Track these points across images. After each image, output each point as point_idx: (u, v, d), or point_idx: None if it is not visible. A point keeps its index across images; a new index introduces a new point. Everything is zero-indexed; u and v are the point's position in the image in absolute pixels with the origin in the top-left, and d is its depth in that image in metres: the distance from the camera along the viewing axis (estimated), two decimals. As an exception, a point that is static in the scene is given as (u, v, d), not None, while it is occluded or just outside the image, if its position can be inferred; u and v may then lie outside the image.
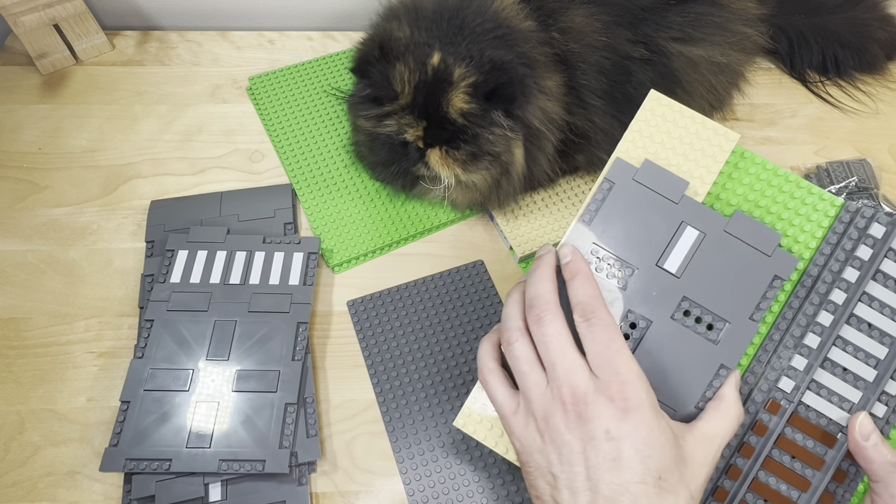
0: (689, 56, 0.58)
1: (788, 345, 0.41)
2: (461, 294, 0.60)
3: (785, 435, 0.41)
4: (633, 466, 0.36)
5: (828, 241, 0.43)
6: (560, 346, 0.39)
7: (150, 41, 0.78)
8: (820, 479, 0.40)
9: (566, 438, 0.37)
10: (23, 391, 0.53)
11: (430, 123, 0.54)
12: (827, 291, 0.42)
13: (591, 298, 0.40)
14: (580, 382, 0.38)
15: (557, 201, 0.66)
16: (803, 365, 0.41)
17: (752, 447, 0.41)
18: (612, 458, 0.36)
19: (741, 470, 0.40)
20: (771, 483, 0.40)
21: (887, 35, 0.77)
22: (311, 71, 0.75)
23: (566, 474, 0.37)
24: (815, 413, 0.41)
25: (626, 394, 0.37)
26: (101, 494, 0.49)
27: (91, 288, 0.59)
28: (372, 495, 0.50)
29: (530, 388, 0.39)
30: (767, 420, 0.41)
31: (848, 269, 0.42)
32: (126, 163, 0.67)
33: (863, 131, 0.74)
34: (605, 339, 0.39)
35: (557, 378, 0.38)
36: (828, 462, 0.40)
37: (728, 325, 0.41)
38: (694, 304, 0.42)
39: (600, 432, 0.36)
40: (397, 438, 0.53)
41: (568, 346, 0.39)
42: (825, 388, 0.41)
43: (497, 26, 0.54)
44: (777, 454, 0.40)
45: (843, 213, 0.43)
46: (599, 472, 0.36)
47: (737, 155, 0.45)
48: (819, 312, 0.41)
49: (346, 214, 0.64)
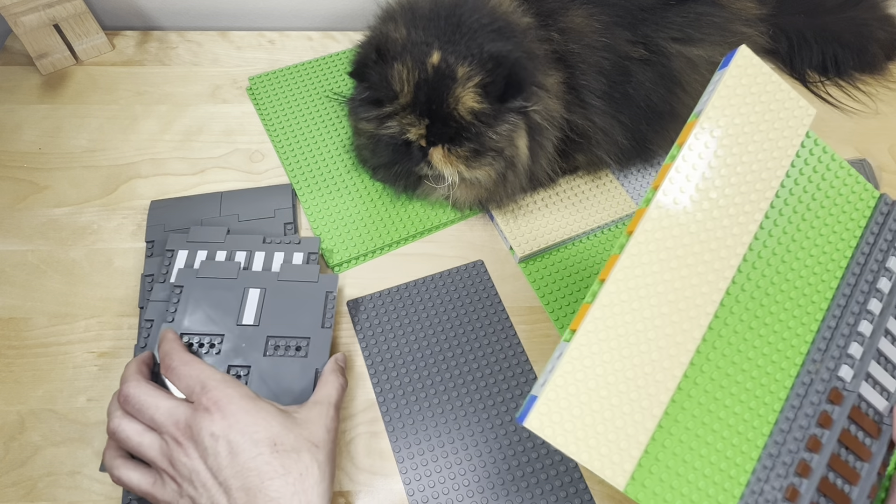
0: (688, 56, 0.58)
1: (844, 332, 0.42)
2: (461, 294, 0.60)
3: (844, 426, 0.40)
4: (245, 447, 0.40)
5: (871, 230, 0.44)
6: (151, 401, 0.43)
7: (150, 41, 0.78)
8: (868, 470, 0.39)
9: (191, 465, 0.41)
10: (23, 391, 0.53)
11: (433, 121, 0.54)
12: (875, 280, 0.43)
13: (166, 354, 0.47)
14: (180, 415, 0.42)
15: (557, 201, 0.66)
16: (860, 353, 0.41)
17: (819, 440, 0.39)
18: (227, 453, 0.40)
19: (811, 466, 0.38)
20: (830, 478, 0.38)
21: (887, 35, 0.77)
22: (311, 71, 0.75)
23: (206, 494, 0.40)
24: (865, 403, 0.41)
25: (214, 398, 0.42)
26: (101, 494, 0.49)
27: (91, 288, 0.59)
28: (372, 495, 0.50)
29: (149, 450, 0.42)
30: (831, 411, 0.40)
31: (892, 259, 0.43)
32: (126, 163, 0.68)
33: (863, 131, 0.74)
34: (184, 371, 0.44)
35: (163, 425, 0.42)
36: (874, 453, 0.40)
37: (309, 339, 0.53)
38: (279, 338, 0.53)
39: (208, 438, 0.40)
40: (397, 438, 0.53)
41: (158, 396, 0.43)
42: (872, 377, 0.41)
43: (494, 20, 0.54)
44: (836, 447, 0.40)
45: (882, 205, 0.44)
46: (224, 471, 0.40)
47: None
48: (869, 300, 0.42)
49: (346, 214, 0.64)
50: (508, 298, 0.60)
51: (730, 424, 0.39)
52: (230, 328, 0.53)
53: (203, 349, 0.52)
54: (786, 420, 0.40)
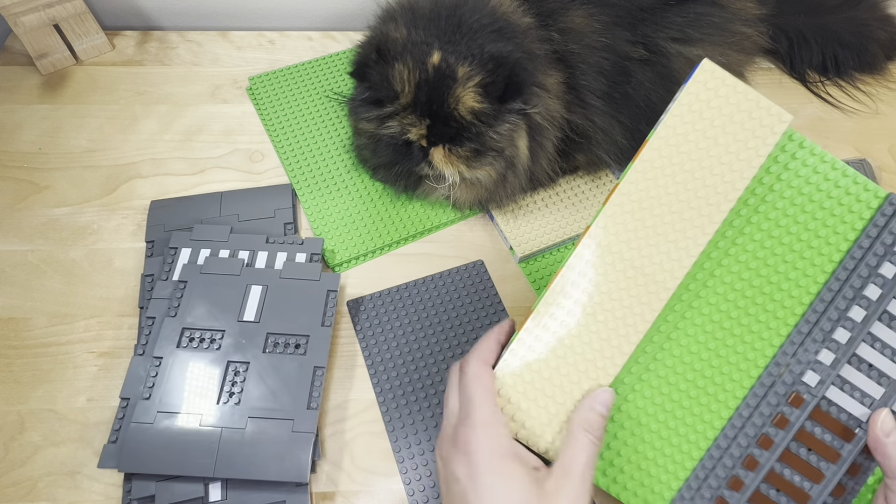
0: (688, 56, 0.58)
1: (817, 338, 0.42)
2: (461, 294, 0.60)
3: (804, 428, 0.41)
4: None
5: (867, 233, 0.42)
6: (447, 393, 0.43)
7: (150, 41, 0.78)
8: (834, 471, 0.40)
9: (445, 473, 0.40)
10: (23, 391, 0.53)
11: (434, 121, 0.54)
12: (862, 286, 0.42)
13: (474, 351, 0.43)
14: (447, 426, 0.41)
15: (557, 201, 0.66)
16: (830, 360, 0.41)
17: (771, 439, 0.41)
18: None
19: (758, 461, 0.41)
20: (786, 474, 0.41)
21: (887, 35, 0.77)
22: (311, 71, 0.75)
23: None
24: (836, 408, 0.41)
25: (466, 439, 0.39)
26: (101, 494, 0.49)
27: (91, 288, 0.59)
28: (372, 495, 0.50)
29: None
30: (789, 413, 0.41)
31: (886, 265, 0.42)
32: (126, 163, 0.68)
33: (863, 131, 0.74)
34: (466, 383, 0.41)
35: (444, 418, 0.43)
36: (844, 456, 0.40)
37: (308, 337, 0.53)
38: (278, 335, 0.53)
39: (451, 475, 0.39)
40: (397, 438, 0.53)
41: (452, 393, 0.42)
42: (849, 383, 0.41)
43: (495, 21, 0.54)
44: (794, 446, 0.41)
45: (886, 206, 0.42)
46: None
47: (785, 137, 0.43)
48: (852, 307, 0.42)
49: (346, 214, 0.64)
50: (508, 298, 0.60)
51: (677, 416, 0.42)
52: (231, 324, 0.53)
53: (203, 344, 0.52)
54: (739, 417, 0.42)
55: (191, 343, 0.52)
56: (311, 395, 0.51)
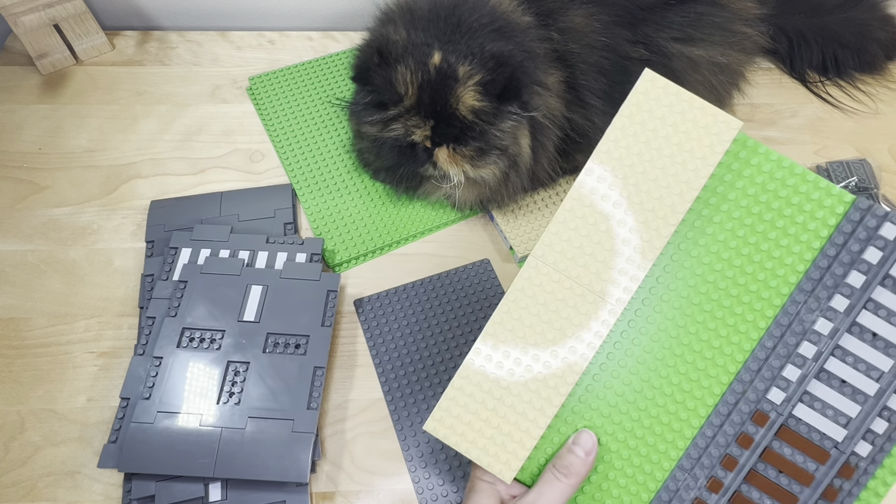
0: (689, 56, 0.58)
1: (781, 353, 0.40)
2: (468, 292, 0.60)
3: (772, 448, 0.39)
4: None
5: (833, 241, 0.40)
6: None
7: (150, 41, 0.78)
8: (808, 495, 0.38)
9: None
10: (23, 391, 0.53)
11: (438, 122, 0.54)
12: (829, 297, 0.39)
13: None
14: None
15: (557, 201, 0.66)
16: (796, 376, 0.39)
17: (735, 459, 0.39)
18: None
19: (722, 483, 0.39)
20: (754, 497, 0.39)
21: (887, 35, 0.77)
22: (311, 71, 0.75)
23: None
24: (806, 427, 0.39)
25: None
26: (101, 494, 0.49)
27: (91, 288, 0.59)
28: (372, 495, 0.50)
29: None
30: (753, 432, 0.39)
31: (853, 274, 0.39)
32: (126, 163, 0.67)
33: (863, 131, 0.74)
34: None
35: None
36: (818, 478, 0.38)
37: (308, 337, 0.53)
38: (278, 335, 0.53)
39: None
40: (406, 437, 0.53)
41: None
42: (819, 400, 0.39)
43: (494, 20, 0.54)
44: (762, 468, 0.39)
45: (853, 211, 0.40)
46: None
47: (739, 144, 0.41)
48: (817, 320, 0.39)
49: (346, 214, 0.64)
50: (509, 298, 0.60)
51: (637, 436, 0.41)
52: (231, 324, 0.53)
53: (204, 344, 0.52)
54: (703, 437, 0.40)
55: (191, 343, 0.52)
56: (311, 396, 0.51)
